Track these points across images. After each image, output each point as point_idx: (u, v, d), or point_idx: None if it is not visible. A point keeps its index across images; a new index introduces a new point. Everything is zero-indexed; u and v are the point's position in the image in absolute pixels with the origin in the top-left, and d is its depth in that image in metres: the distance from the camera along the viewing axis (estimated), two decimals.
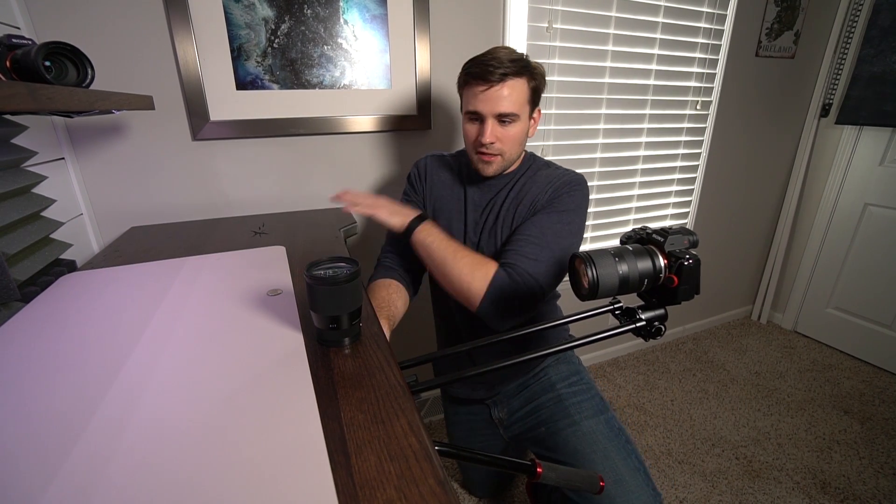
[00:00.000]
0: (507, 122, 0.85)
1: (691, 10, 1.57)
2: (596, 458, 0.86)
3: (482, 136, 0.85)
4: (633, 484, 0.82)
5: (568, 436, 0.91)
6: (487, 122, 0.84)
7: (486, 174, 0.91)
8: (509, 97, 0.82)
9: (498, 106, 0.83)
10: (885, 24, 1.73)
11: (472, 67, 0.84)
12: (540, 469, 0.60)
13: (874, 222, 1.90)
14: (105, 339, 0.54)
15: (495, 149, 0.87)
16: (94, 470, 0.34)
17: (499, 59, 0.81)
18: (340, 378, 0.47)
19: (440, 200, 1.00)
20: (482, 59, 0.83)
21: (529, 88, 0.85)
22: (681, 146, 1.78)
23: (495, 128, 0.85)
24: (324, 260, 0.53)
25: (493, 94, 0.82)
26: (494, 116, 0.84)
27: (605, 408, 0.96)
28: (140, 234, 1.00)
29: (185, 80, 1.02)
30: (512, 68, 0.81)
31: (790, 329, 2.25)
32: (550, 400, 0.99)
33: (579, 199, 0.89)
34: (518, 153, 0.92)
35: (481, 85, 0.82)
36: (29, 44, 0.61)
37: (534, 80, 0.86)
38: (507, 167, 0.93)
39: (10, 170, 0.75)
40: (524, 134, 0.89)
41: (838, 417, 1.64)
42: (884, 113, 1.76)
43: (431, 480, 0.34)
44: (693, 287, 0.60)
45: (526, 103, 0.86)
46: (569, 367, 1.05)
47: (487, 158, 0.88)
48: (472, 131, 0.88)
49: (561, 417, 0.95)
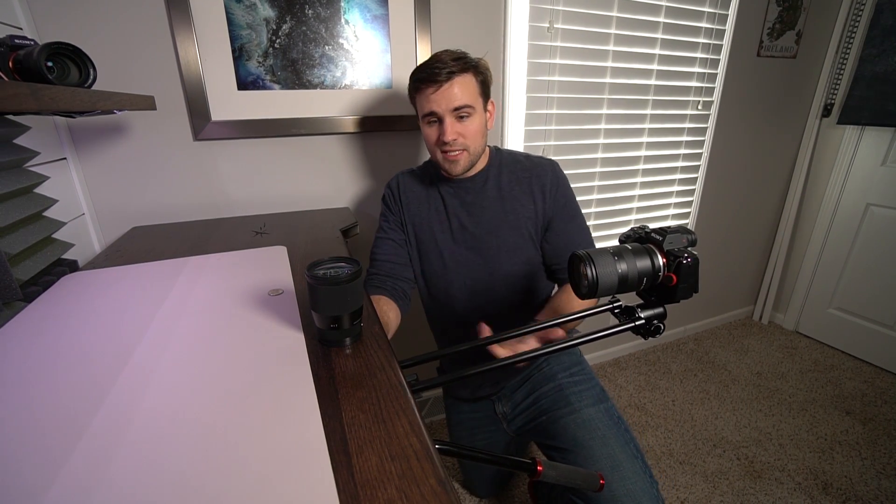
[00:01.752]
0: (464, 117, 0.88)
1: (692, 9, 1.57)
2: (594, 444, 0.87)
3: (444, 135, 0.87)
4: (630, 469, 0.83)
5: (567, 423, 0.92)
6: (446, 120, 0.87)
7: (455, 172, 0.93)
8: (460, 92, 0.86)
9: (452, 102, 0.85)
10: (887, 24, 1.73)
11: (418, 74, 0.88)
12: (540, 467, 0.60)
13: (876, 222, 1.89)
14: (107, 338, 0.54)
15: (459, 144, 0.89)
16: (96, 469, 0.34)
17: (442, 60, 0.85)
18: (341, 378, 0.47)
19: (418, 216, 1.01)
20: (427, 64, 0.87)
21: (478, 82, 0.89)
22: (682, 146, 1.78)
23: (455, 124, 0.87)
24: (325, 260, 0.53)
25: (444, 92, 0.85)
26: (451, 112, 0.86)
27: (606, 397, 0.98)
28: (141, 234, 1.00)
29: (186, 81, 1.03)
30: (457, 66, 0.85)
31: (792, 329, 2.25)
32: (552, 389, 1.00)
33: (570, 188, 1.00)
34: (482, 146, 0.94)
35: (431, 87, 0.86)
36: (31, 44, 0.61)
37: (480, 74, 0.89)
38: (475, 162, 0.94)
39: (13, 170, 0.76)
40: (483, 126, 0.92)
41: (840, 418, 1.63)
42: (886, 113, 1.76)
43: (432, 480, 0.34)
44: (692, 285, 0.60)
45: (478, 96, 0.89)
46: (570, 358, 1.06)
47: (453, 157, 0.90)
48: (432, 133, 0.90)
49: (562, 406, 0.96)
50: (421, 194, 1.02)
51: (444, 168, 0.94)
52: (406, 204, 1.02)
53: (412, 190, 1.02)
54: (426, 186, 1.02)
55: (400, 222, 1.03)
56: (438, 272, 1.00)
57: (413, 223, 1.02)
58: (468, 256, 0.98)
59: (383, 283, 0.96)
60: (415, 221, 1.01)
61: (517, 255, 0.97)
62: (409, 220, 1.02)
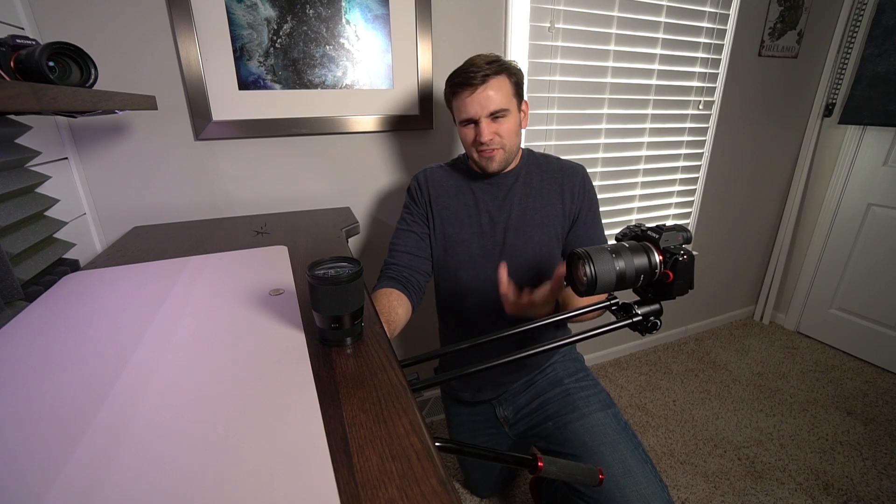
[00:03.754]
0: (500, 118, 0.90)
1: (694, 9, 1.56)
2: (605, 449, 0.87)
3: (480, 136, 0.90)
4: (642, 474, 0.83)
5: (577, 428, 0.93)
6: (482, 123, 0.90)
7: (491, 169, 0.95)
8: (496, 95, 0.89)
9: (488, 105, 0.89)
10: (888, 24, 1.72)
11: (455, 79, 0.91)
12: (541, 463, 0.60)
13: (877, 222, 1.89)
14: (108, 338, 0.54)
15: (496, 143, 0.92)
16: (96, 469, 0.34)
17: (477, 64, 0.88)
18: (342, 378, 0.47)
19: (447, 209, 1.02)
20: (462, 69, 0.90)
21: (511, 84, 0.91)
22: (683, 146, 1.78)
23: (490, 125, 0.90)
24: (326, 260, 0.53)
25: (480, 96, 0.88)
26: (487, 116, 0.89)
27: (612, 403, 0.98)
28: (142, 233, 1.00)
29: (187, 81, 1.03)
30: (491, 69, 0.88)
31: (793, 329, 2.24)
32: (558, 395, 1.01)
33: (596, 195, 1.04)
34: (517, 144, 0.97)
35: (467, 91, 0.89)
36: (33, 44, 0.61)
37: (514, 76, 0.92)
38: (510, 160, 0.97)
39: (14, 169, 0.76)
40: (518, 125, 0.95)
41: (841, 418, 1.63)
42: (887, 113, 1.75)
43: (433, 480, 0.34)
44: (687, 282, 0.61)
45: (512, 97, 0.92)
46: (575, 364, 1.07)
47: (489, 154, 0.93)
48: (469, 134, 0.93)
49: (569, 411, 0.96)
50: (451, 189, 1.03)
51: (480, 165, 0.96)
52: (435, 197, 1.03)
53: (441, 184, 1.03)
54: (456, 181, 1.03)
55: (425, 215, 1.04)
56: (465, 264, 1.01)
57: (441, 216, 1.02)
58: (494, 251, 1.00)
59: (400, 273, 0.97)
60: (443, 215, 1.02)
61: (542, 251, 0.99)
62: (437, 214, 1.03)
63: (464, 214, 1.01)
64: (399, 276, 0.97)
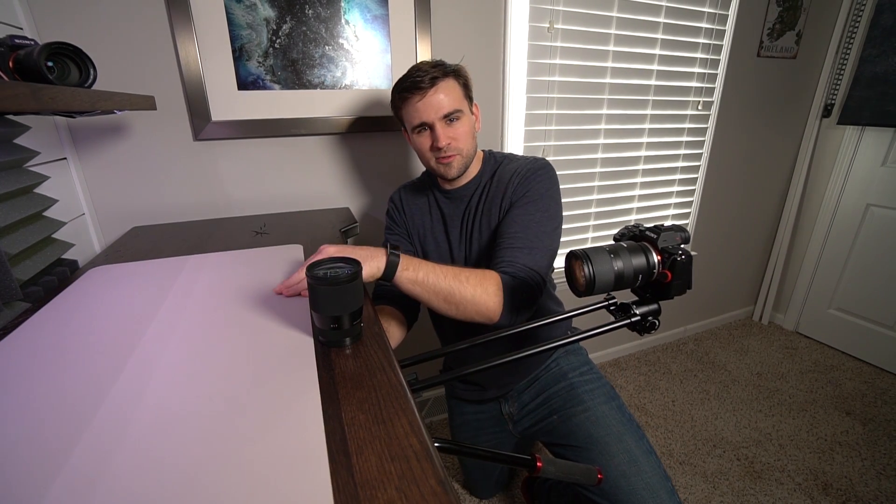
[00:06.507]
0: (454, 121, 0.89)
1: (693, 10, 1.57)
2: (610, 440, 0.87)
3: (437, 142, 0.88)
4: (647, 465, 0.84)
5: (582, 421, 0.93)
6: (437, 127, 0.87)
7: (451, 175, 0.93)
8: (447, 98, 0.87)
9: (440, 108, 0.86)
10: (887, 24, 1.73)
11: (402, 84, 0.88)
12: (540, 463, 0.60)
13: (876, 223, 1.89)
14: (109, 337, 0.54)
15: (452, 149, 0.89)
16: (97, 466, 0.34)
17: (423, 69, 0.86)
18: (342, 378, 0.47)
19: (422, 227, 1.02)
20: (408, 75, 0.87)
21: (460, 85, 0.90)
22: (682, 146, 1.78)
23: (446, 129, 0.88)
24: (325, 260, 0.53)
25: (431, 99, 0.86)
26: (441, 119, 0.87)
27: (616, 395, 0.99)
28: (141, 234, 1.00)
29: (186, 81, 1.03)
30: (437, 72, 0.86)
31: (792, 330, 2.25)
32: (563, 388, 1.01)
33: (548, 183, 0.90)
34: (473, 147, 0.94)
35: (417, 95, 0.86)
36: (31, 44, 0.61)
37: (461, 78, 0.91)
38: (468, 164, 0.94)
39: (13, 170, 0.76)
40: (472, 128, 0.93)
41: (840, 419, 1.63)
42: (886, 113, 1.76)
43: (432, 480, 0.34)
44: (686, 282, 0.61)
45: (463, 99, 0.90)
46: (578, 358, 1.07)
47: (447, 160, 0.91)
48: (425, 142, 0.91)
49: (574, 404, 0.96)
50: (423, 205, 1.03)
51: (439, 173, 0.94)
52: (410, 216, 1.03)
53: (413, 202, 1.04)
54: (426, 197, 1.03)
55: (406, 233, 1.04)
56: None
57: (418, 233, 1.03)
58: (468, 265, 0.99)
59: (391, 291, 0.94)
60: (419, 232, 1.03)
61: None
62: (414, 231, 1.03)
63: (436, 230, 1.01)
64: (391, 294, 0.95)
